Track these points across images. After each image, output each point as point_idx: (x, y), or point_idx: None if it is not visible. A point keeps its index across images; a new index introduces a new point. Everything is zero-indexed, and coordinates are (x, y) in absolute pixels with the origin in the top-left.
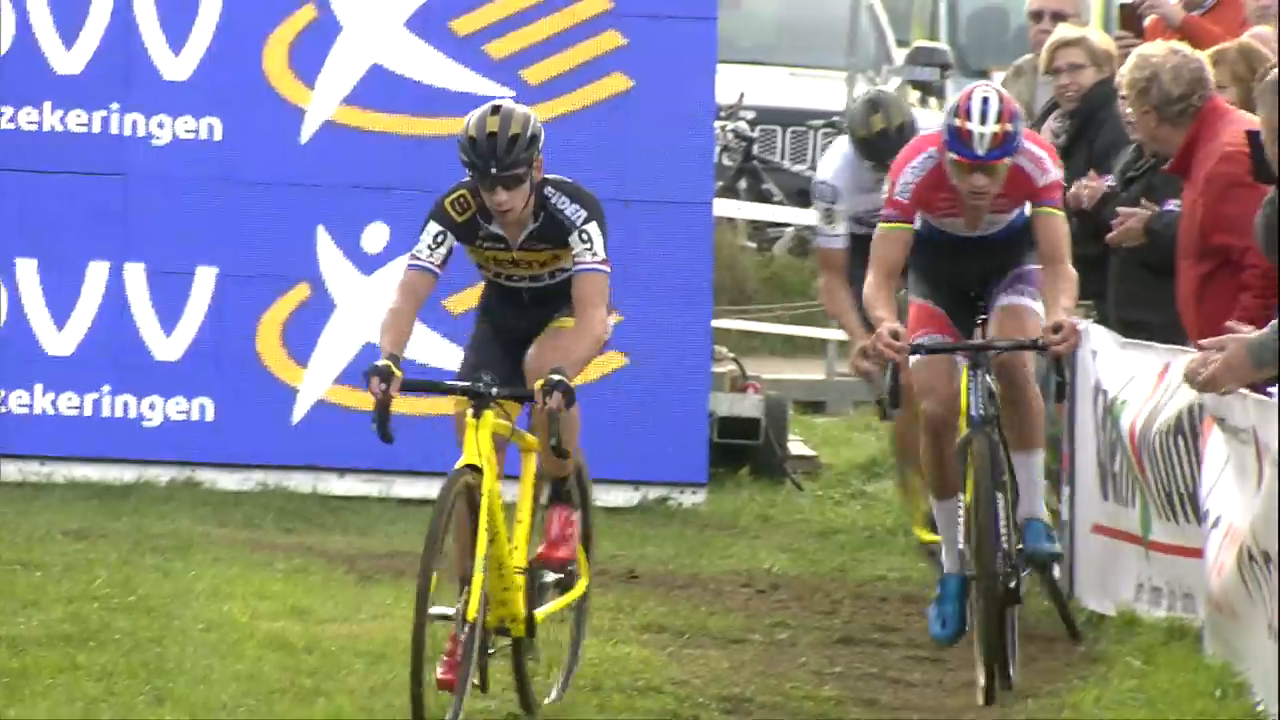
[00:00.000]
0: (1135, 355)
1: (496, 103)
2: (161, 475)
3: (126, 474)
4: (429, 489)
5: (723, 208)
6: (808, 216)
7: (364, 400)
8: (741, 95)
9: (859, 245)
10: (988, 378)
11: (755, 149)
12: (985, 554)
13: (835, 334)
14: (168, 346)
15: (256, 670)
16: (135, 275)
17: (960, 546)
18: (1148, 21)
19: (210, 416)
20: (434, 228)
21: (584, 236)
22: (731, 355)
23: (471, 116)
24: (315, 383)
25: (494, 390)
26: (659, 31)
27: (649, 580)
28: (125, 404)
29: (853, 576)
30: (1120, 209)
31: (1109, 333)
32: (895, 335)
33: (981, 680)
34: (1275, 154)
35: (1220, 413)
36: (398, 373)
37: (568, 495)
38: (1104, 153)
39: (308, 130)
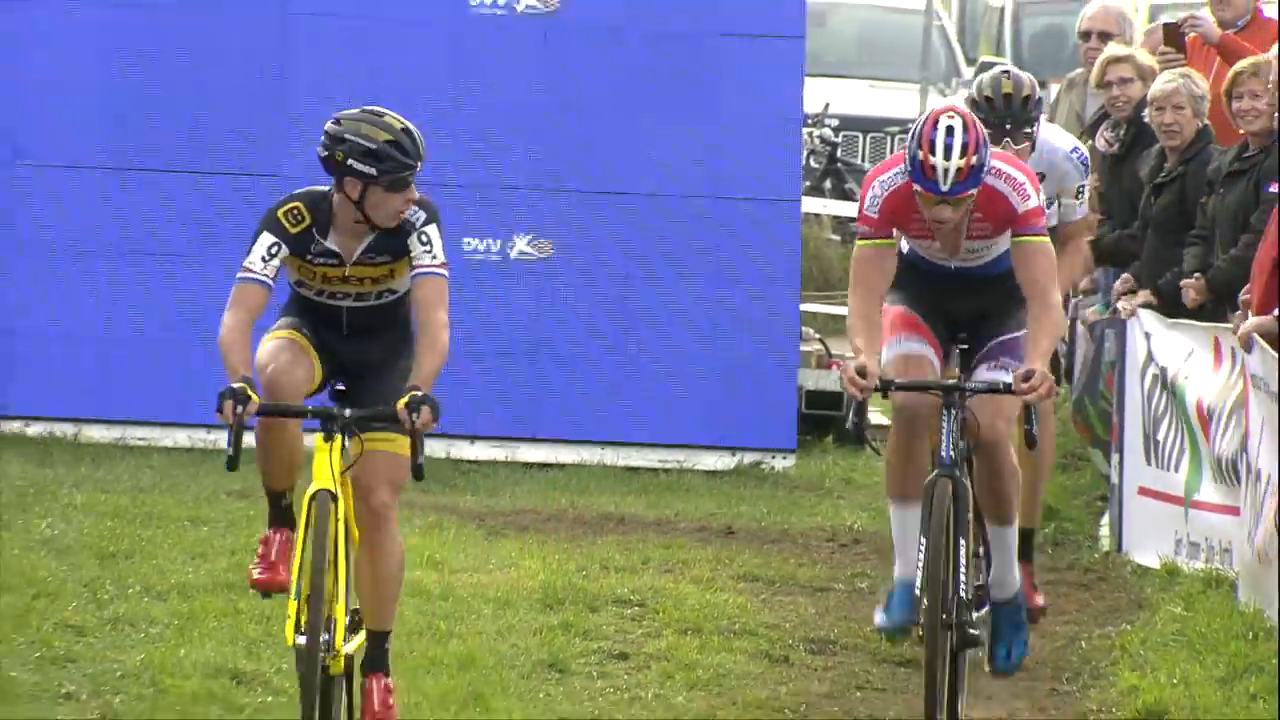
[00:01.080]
0: (1186, 333)
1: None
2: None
3: None
4: (551, 454)
5: (810, 205)
6: None
7: (486, 373)
8: (826, 105)
9: None
10: (960, 418)
11: (839, 153)
12: (935, 596)
13: None
14: None
15: (398, 613)
16: None
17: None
18: (1189, 38)
19: None
20: (267, 239)
21: (423, 238)
22: (817, 336)
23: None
24: None
25: (347, 413)
26: (756, 48)
27: (744, 535)
28: None
29: None
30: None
31: (1155, 315)
32: (862, 373)
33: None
34: None
35: (1254, 370)
36: (254, 397)
37: (384, 661)
38: (1164, 171)
39: None
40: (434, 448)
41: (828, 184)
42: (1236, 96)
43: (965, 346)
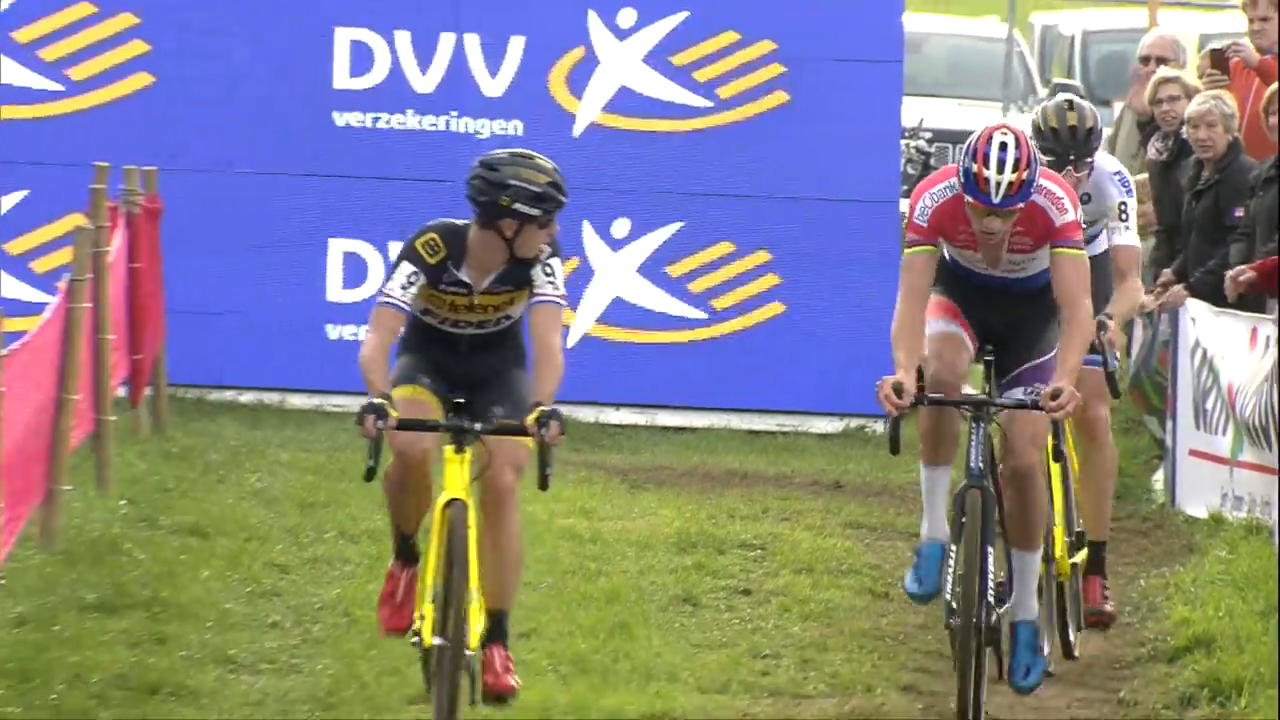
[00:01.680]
0: (1228, 321)
1: (530, 153)
2: None
3: None
4: (685, 419)
5: (906, 206)
6: None
7: (628, 337)
8: (921, 120)
9: None
10: (987, 429)
11: (931, 161)
12: (967, 604)
13: None
14: None
15: (554, 554)
16: None
17: (942, 533)
18: (1232, 62)
19: None
20: (407, 268)
21: (547, 270)
22: None
23: (502, 153)
24: (580, 325)
25: (477, 427)
26: (862, 71)
27: (850, 489)
28: None
29: None
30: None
31: (1203, 304)
32: (899, 390)
33: (954, 706)
34: None
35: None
36: (393, 412)
37: (504, 634)
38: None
39: (578, 129)
40: (585, 414)
41: (923, 172)
42: (1272, 112)
43: (991, 358)
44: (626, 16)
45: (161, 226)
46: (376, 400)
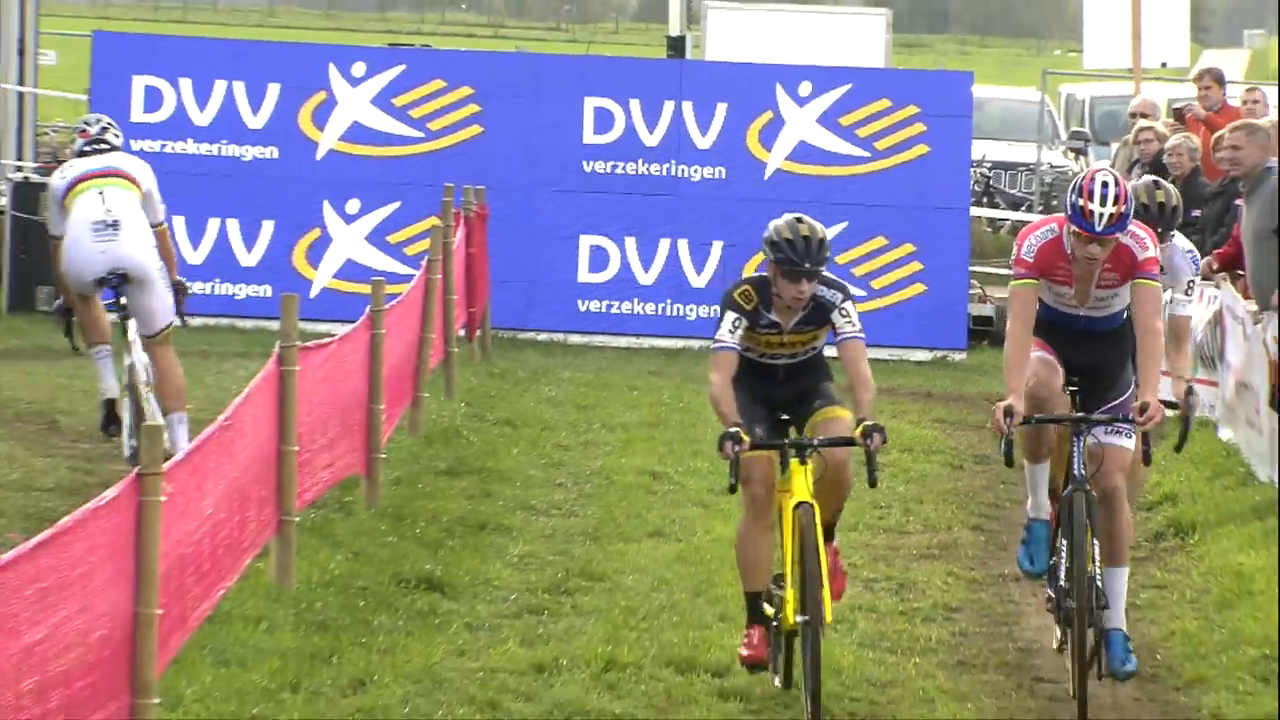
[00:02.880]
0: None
1: (799, 215)
2: (693, 344)
3: (676, 344)
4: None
5: (974, 211)
6: (1020, 214)
7: None
8: (984, 155)
9: None
10: (1086, 443)
11: (990, 183)
12: (1079, 588)
13: None
14: (699, 281)
15: None
16: (683, 245)
17: (1047, 512)
18: (1188, 117)
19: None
20: (731, 315)
21: (843, 312)
22: (977, 283)
23: (780, 223)
24: None
25: (815, 441)
26: (944, 122)
27: (937, 397)
28: (677, 309)
29: None
30: None
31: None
32: (1009, 413)
33: (1073, 690)
34: None
35: (1228, 304)
36: (745, 437)
37: (833, 534)
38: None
39: (768, 173)
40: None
41: (984, 200)
42: (1217, 149)
43: (1075, 388)
44: (805, 88)
45: (487, 225)
46: (731, 429)
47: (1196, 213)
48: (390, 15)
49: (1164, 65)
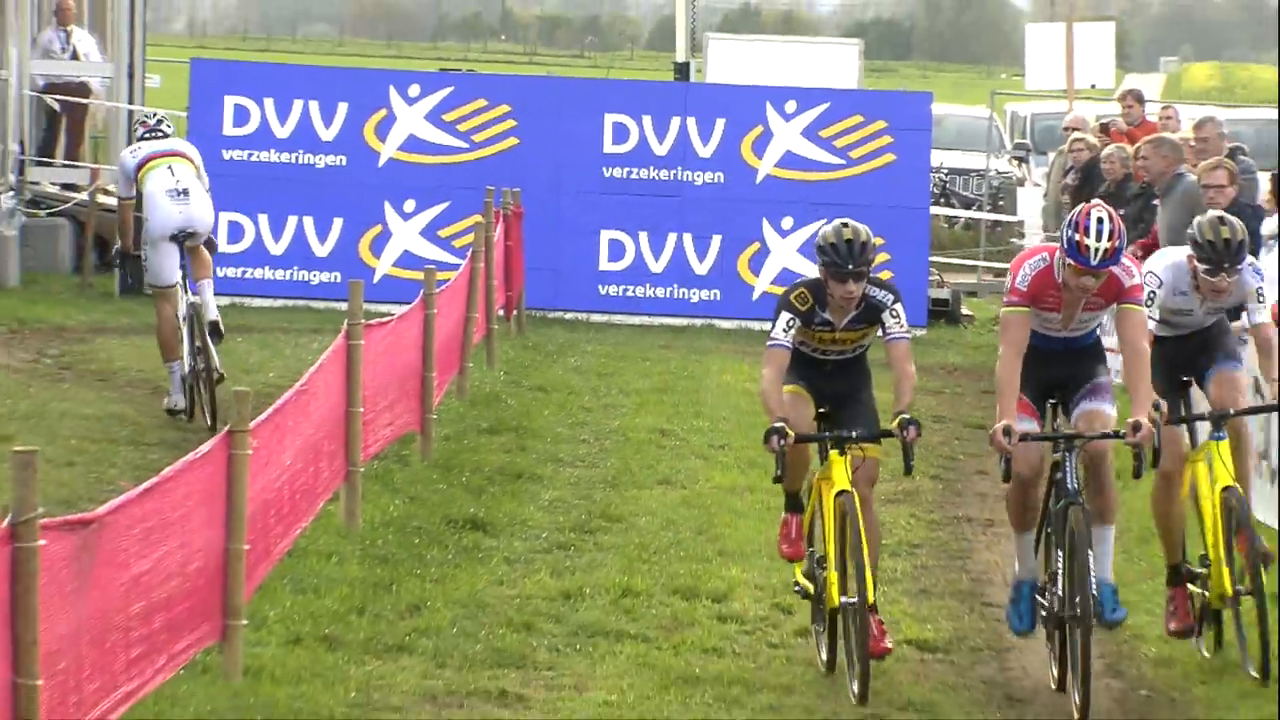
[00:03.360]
0: None
1: (845, 220)
2: (696, 323)
3: (682, 322)
4: None
5: (934, 210)
6: (971, 213)
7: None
8: (942, 163)
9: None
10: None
11: (946, 186)
12: (1082, 599)
13: (982, 262)
14: (701, 269)
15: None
16: (687, 239)
17: (1035, 575)
18: (1112, 130)
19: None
20: (786, 316)
21: (893, 313)
22: (935, 270)
23: (828, 229)
24: (775, 265)
25: (854, 434)
26: (908, 135)
27: None
28: (682, 293)
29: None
30: None
31: None
32: (1007, 432)
33: (1076, 700)
34: None
35: None
36: (790, 432)
37: (873, 607)
38: (1098, 192)
39: (759, 179)
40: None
41: (942, 201)
42: (1138, 158)
43: (1055, 400)
44: (790, 106)
45: (522, 222)
46: (777, 424)
47: (1123, 210)
48: (440, 44)
49: (1093, 86)
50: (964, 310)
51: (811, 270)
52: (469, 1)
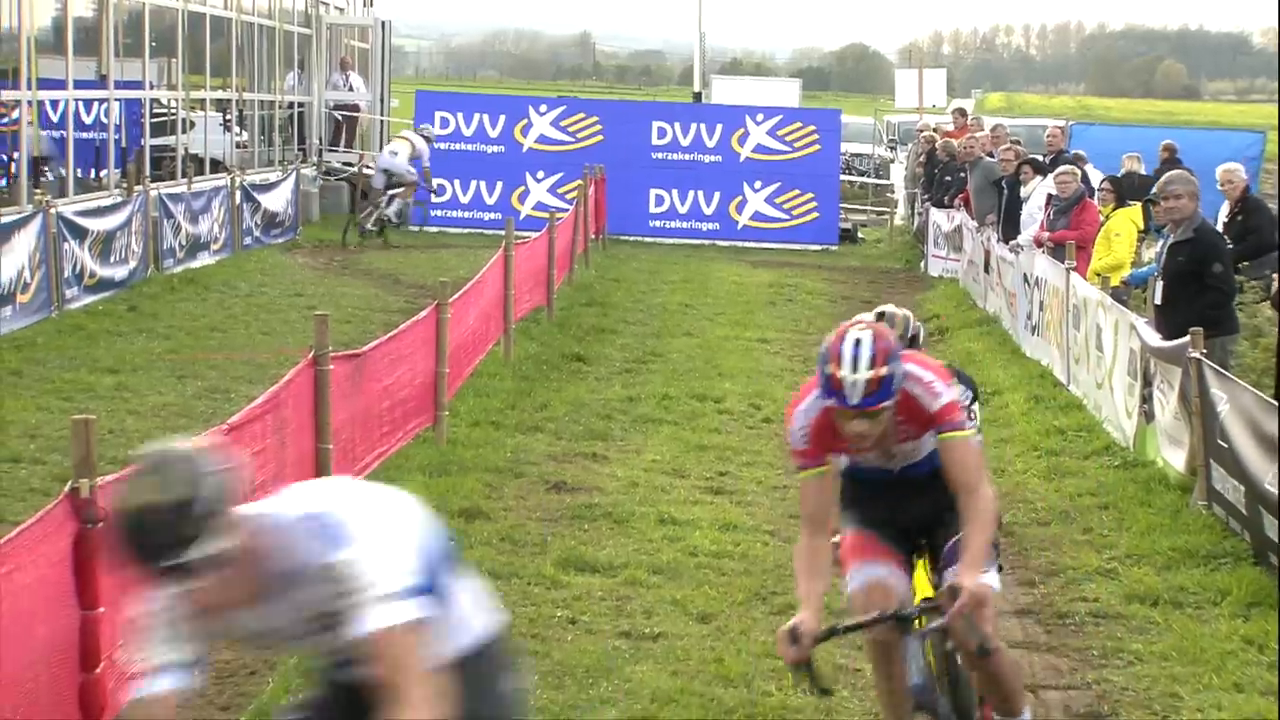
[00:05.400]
0: (1027, 255)
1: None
2: (704, 242)
3: (696, 242)
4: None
5: (843, 177)
6: (863, 179)
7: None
8: (846, 149)
9: None
10: (927, 643)
11: (849, 162)
12: None
13: (869, 207)
14: (708, 210)
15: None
16: (700, 194)
17: None
18: (945, 131)
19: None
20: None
21: (970, 413)
22: (843, 211)
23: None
24: (749, 209)
25: (909, 611)
26: (829, 135)
27: (824, 267)
28: (696, 225)
29: (876, 265)
30: None
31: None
32: (794, 635)
33: None
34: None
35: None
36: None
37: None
38: (934, 168)
39: (741, 159)
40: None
41: (847, 170)
42: (966, 148)
43: (924, 541)
44: (760, 117)
45: (605, 185)
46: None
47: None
48: (558, 81)
49: (934, 106)
50: (859, 235)
51: (774, 212)
52: (575, 56)
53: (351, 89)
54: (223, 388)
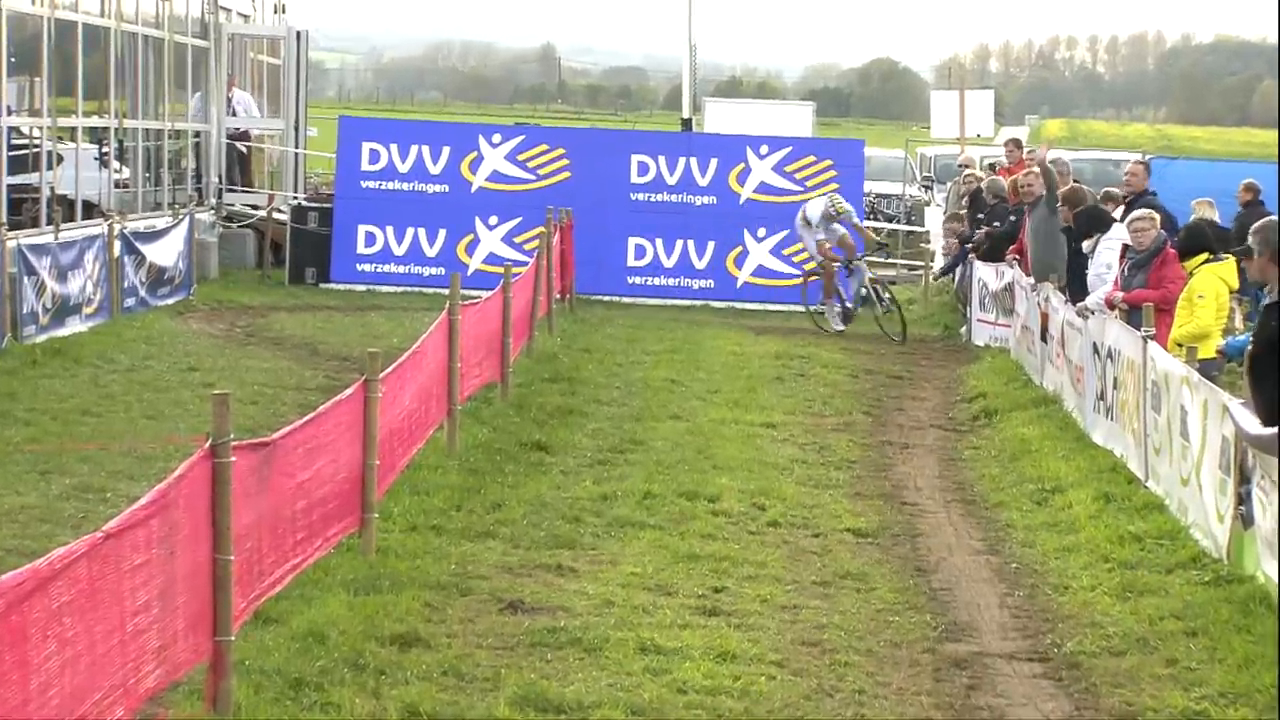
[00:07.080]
0: (989, 267)
1: None
2: (695, 303)
3: (685, 303)
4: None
5: (866, 223)
6: (892, 226)
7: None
8: (871, 189)
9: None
10: None
11: (875, 205)
12: None
13: (899, 260)
14: (700, 265)
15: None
16: (690, 244)
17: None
18: (999, 169)
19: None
20: None
21: None
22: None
23: None
24: (753, 261)
25: None
26: (850, 171)
27: (844, 332)
28: (686, 282)
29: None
30: None
31: (1025, 276)
32: None
33: None
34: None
35: (1017, 277)
36: None
37: None
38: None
39: (741, 201)
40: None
41: (871, 216)
42: (1023, 187)
43: None
44: (764, 149)
45: (573, 231)
46: None
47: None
48: (515, 106)
49: (978, 135)
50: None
51: (781, 266)
52: (536, 75)
53: (235, 113)
54: (97, 485)
